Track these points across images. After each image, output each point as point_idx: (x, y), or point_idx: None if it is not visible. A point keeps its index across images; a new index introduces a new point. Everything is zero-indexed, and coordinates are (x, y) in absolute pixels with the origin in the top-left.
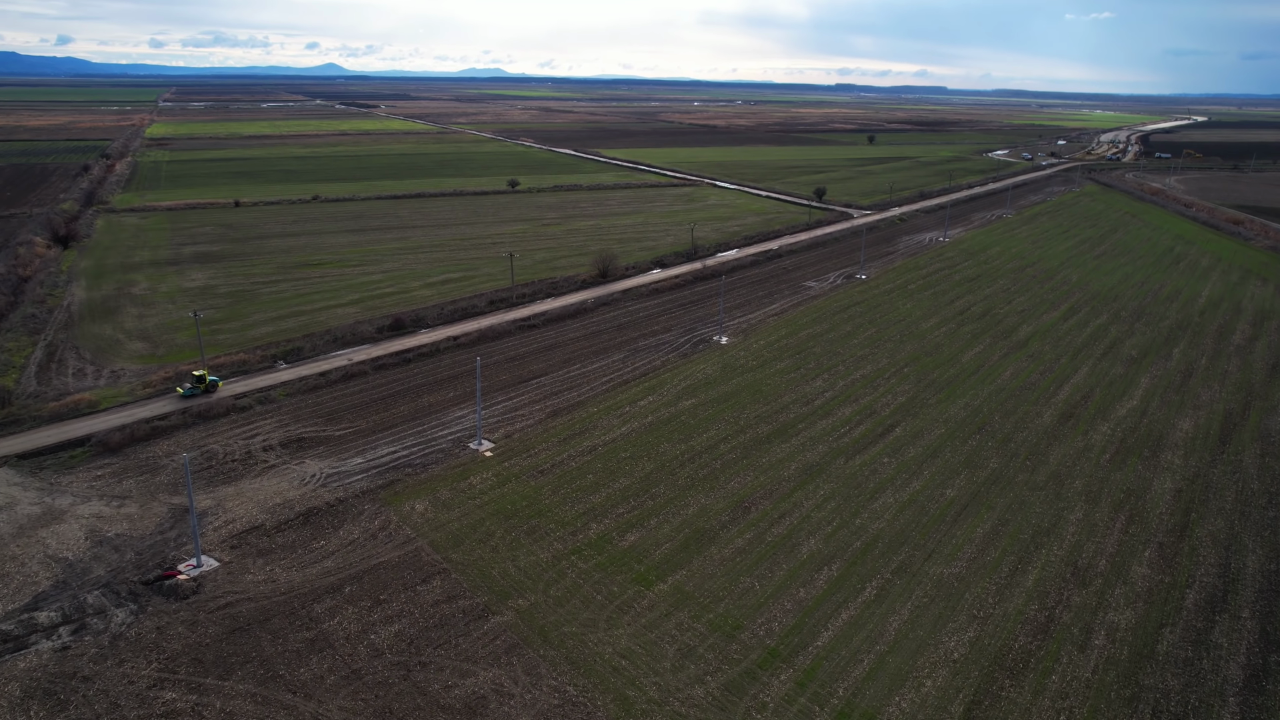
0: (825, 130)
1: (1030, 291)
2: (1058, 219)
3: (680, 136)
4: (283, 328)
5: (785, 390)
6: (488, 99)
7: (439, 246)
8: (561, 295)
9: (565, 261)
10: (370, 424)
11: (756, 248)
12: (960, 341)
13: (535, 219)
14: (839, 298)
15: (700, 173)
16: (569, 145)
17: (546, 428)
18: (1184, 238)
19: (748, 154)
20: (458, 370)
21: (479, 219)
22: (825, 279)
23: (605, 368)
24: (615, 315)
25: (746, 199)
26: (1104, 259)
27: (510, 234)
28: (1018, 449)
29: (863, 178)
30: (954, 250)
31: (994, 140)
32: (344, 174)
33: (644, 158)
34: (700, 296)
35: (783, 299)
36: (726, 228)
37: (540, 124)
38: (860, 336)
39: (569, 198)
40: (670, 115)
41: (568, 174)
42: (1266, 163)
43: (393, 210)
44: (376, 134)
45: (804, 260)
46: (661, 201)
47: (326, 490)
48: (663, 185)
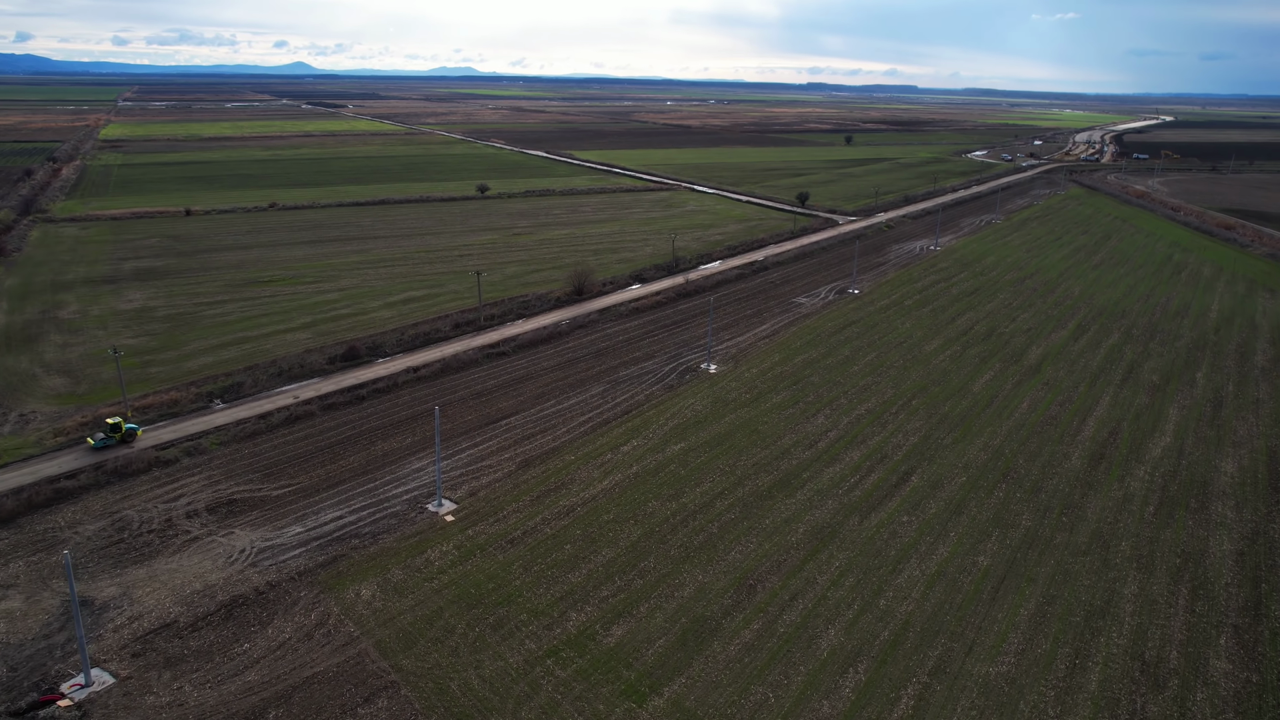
0: (801, 130)
1: (1034, 307)
2: (1048, 224)
3: (655, 137)
4: (224, 358)
5: (784, 430)
6: (458, 98)
7: (402, 260)
8: (534, 316)
9: (538, 276)
10: (314, 480)
11: (741, 259)
12: (968, 367)
13: (506, 228)
14: (833, 316)
15: (677, 176)
16: (541, 147)
17: (517, 482)
18: (1180, 244)
19: (724, 155)
20: (417, 409)
21: (446, 228)
22: (816, 294)
23: (583, 404)
24: (593, 339)
25: (727, 204)
26: (1103, 268)
27: (479, 245)
28: (1050, 501)
29: (844, 180)
30: (947, 260)
31: (971, 140)
32: (305, 178)
33: (618, 160)
34: (684, 316)
35: (773, 318)
36: (708, 236)
37: (511, 124)
38: (860, 362)
39: (541, 204)
40: (644, 115)
41: (540, 178)
42: (1243, 164)
43: (354, 219)
44: (342, 135)
45: (792, 273)
46: (638, 208)
47: (257, 571)
48: (639, 190)
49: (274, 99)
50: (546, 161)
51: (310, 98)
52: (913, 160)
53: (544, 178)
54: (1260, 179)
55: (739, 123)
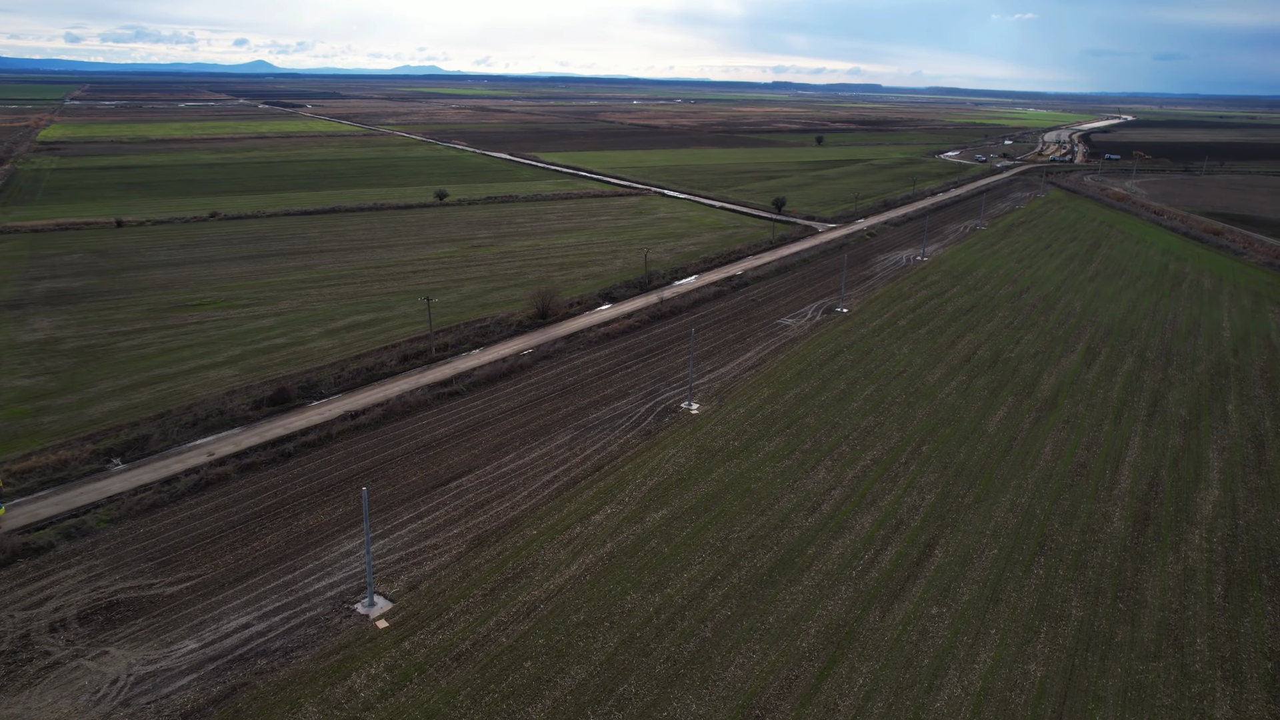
0: (770, 130)
1: (1036, 326)
2: (1034, 231)
3: (621, 138)
4: (133, 401)
5: (781, 488)
6: (421, 98)
7: (350, 277)
8: (492, 345)
9: (498, 296)
10: (220, 570)
11: (718, 273)
12: (978, 401)
13: (464, 239)
14: (822, 340)
15: (646, 179)
16: (504, 148)
17: (468, 568)
18: (1172, 252)
19: (694, 157)
20: (352, 469)
21: (400, 240)
22: (802, 313)
23: (548, 457)
24: (558, 373)
25: (700, 211)
26: (1100, 280)
27: (435, 259)
28: (1099, 580)
29: (819, 184)
30: (937, 272)
31: (941, 140)
32: (254, 184)
33: (585, 162)
34: (660, 343)
35: (757, 344)
36: (682, 247)
37: (474, 125)
38: (858, 397)
39: (503, 211)
40: (610, 115)
41: (502, 182)
42: (1215, 165)
43: (301, 230)
44: (298, 137)
45: (774, 289)
46: (606, 215)
47: (128, 715)
48: (607, 195)
49: (231, 98)
50: (510, 164)
51: (269, 97)
52: (886, 161)
53: (507, 182)
54: (1234, 180)
55: (707, 122)
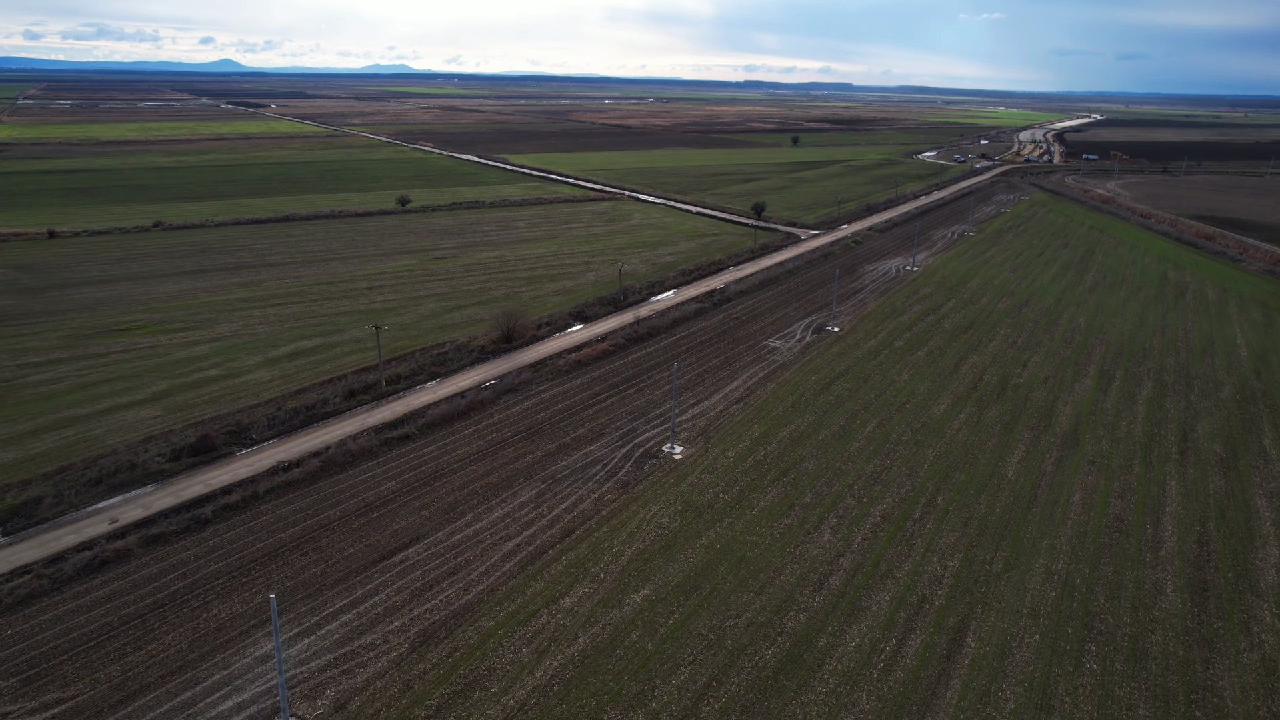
0: (744, 130)
1: (1042, 346)
2: (1024, 237)
3: (593, 138)
4: (31, 452)
5: (781, 556)
6: (389, 97)
7: (298, 295)
8: (451, 376)
9: (459, 316)
10: (101, 688)
11: (698, 286)
12: (991, 438)
13: (426, 249)
14: (815, 365)
15: (619, 182)
16: (473, 150)
17: (409, 678)
18: (1169, 259)
19: (667, 158)
20: (279, 538)
21: (357, 251)
22: (790, 333)
23: (510, 518)
24: (524, 410)
25: (676, 217)
26: (1100, 291)
27: (393, 273)
28: (1167, 678)
29: (798, 187)
30: (929, 284)
31: (917, 140)
32: (206, 190)
33: (555, 164)
34: (638, 370)
35: (744, 370)
36: (658, 257)
37: (443, 125)
38: (860, 435)
39: (469, 219)
40: (581, 114)
41: (469, 186)
42: (1192, 165)
43: (251, 240)
44: (258, 138)
45: (759, 305)
46: (578, 222)
47: None
48: (578, 200)
49: (193, 98)
50: (477, 167)
51: (234, 97)
52: (864, 163)
53: (474, 186)
54: (1213, 181)
55: (680, 122)
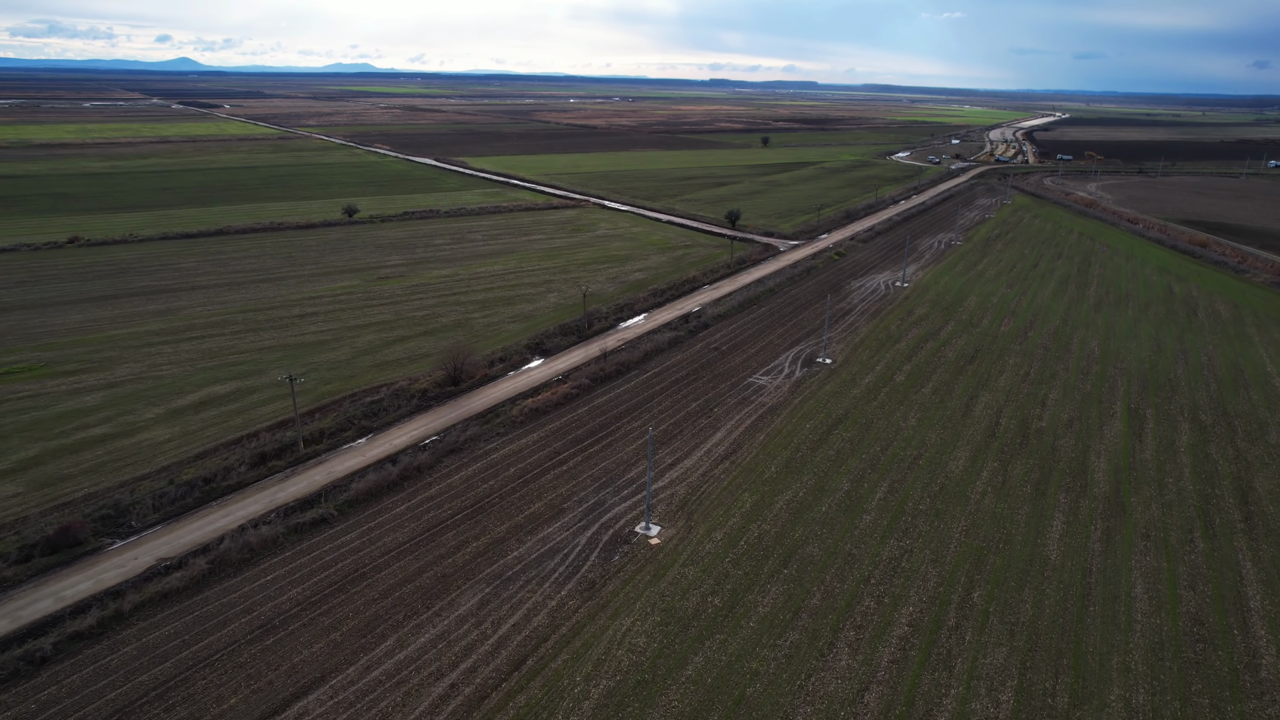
0: (713, 130)
1: (1057, 378)
2: (1015, 246)
3: (557, 140)
4: None
5: (791, 696)
6: (349, 96)
7: (220, 325)
8: (385, 430)
9: (400, 351)
10: None
11: (671, 309)
12: (1022, 503)
13: (371, 268)
14: (809, 409)
15: (584, 188)
16: (431, 152)
17: None
18: (1169, 270)
19: (635, 161)
20: (137, 687)
21: (294, 269)
22: (777, 367)
23: (443, 643)
24: (469, 476)
25: (645, 226)
26: (1107, 309)
27: (331, 297)
28: None
29: (772, 191)
30: (923, 303)
31: (888, 140)
32: (137, 199)
33: (517, 167)
34: (604, 420)
35: (728, 417)
36: (626, 274)
37: (401, 126)
38: (870, 503)
39: (421, 230)
40: (546, 114)
41: (424, 193)
42: (1167, 165)
43: (176, 258)
44: (205, 141)
45: (740, 332)
46: (539, 233)
47: None
48: (540, 208)
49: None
50: (435, 172)
51: (188, 96)
52: (838, 165)
53: (429, 193)
54: (1190, 183)
55: (647, 121)
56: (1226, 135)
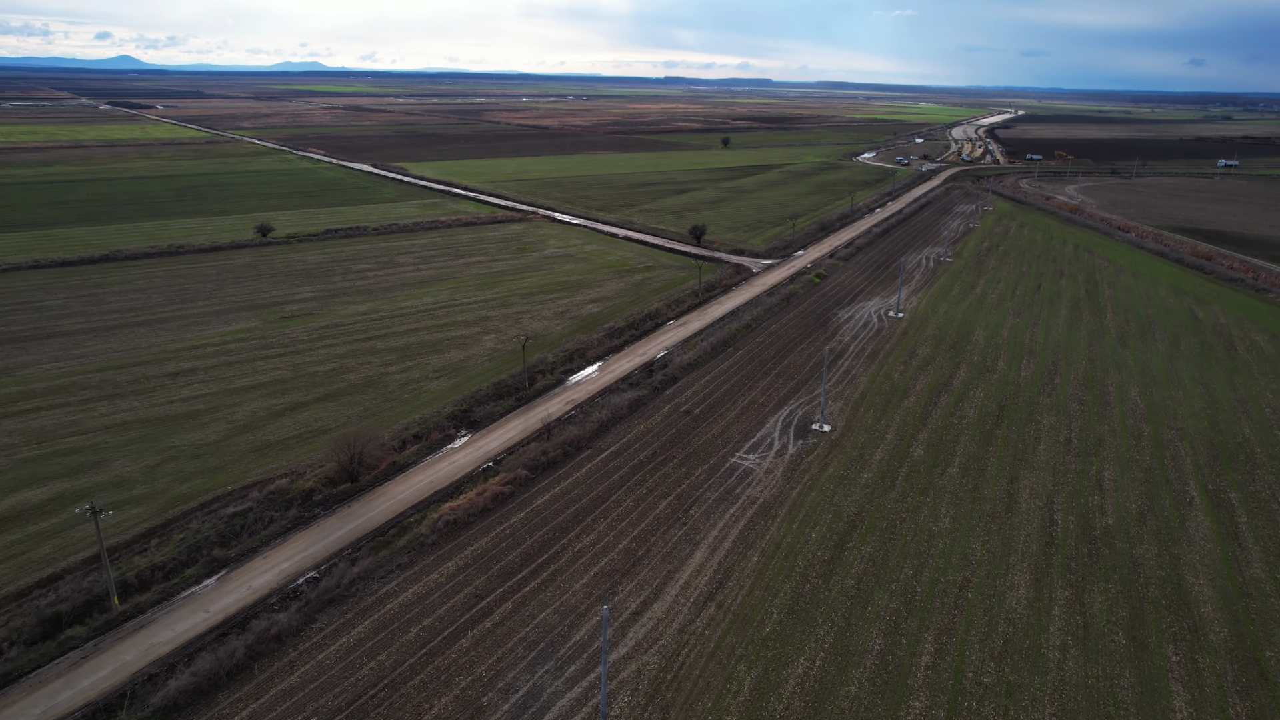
0: (670, 130)
1: (1107, 447)
2: (1010, 261)
3: (507, 142)
4: None
5: None
6: (293, 96)
7: (65, 391)
8: (244, 562)
9: (290, 424)
10: None
11: (630, 356)
12: (1122, 669)
13: (276, 303)
14: (811, 507)
15: (533, 197)
16: (370, 157)
17: None
18: (1183, 289)
19: (589, 165)
20: None
21: (182, 308)
22: (765, 439)
23: None
24: (350, 649)
25: (600, 244)
26: (1134, 344)
27: (217, 346)
28: None
29: (738, 199)
30: (924, 339)
31: (851, 139)
32: (22, 216)
33: (461, 174)
34: (545, 535)
35: (708, 526)
36: (577, 307)
37: (342, 128)
38: (915, 674)
39: (343, 252)
40: (496, 114)
41: (354, 205)
42: (1139, 166)
43: (43, 294)
44: (123, 146)
45: (714, 386)
46: (479, 254)
47: None
48: (482, 222)
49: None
50: (370, 180)
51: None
52: (804, 167)
53: (360, 205)
54: (1166, 184)
55: (601, 121)
56: (1185, 133)
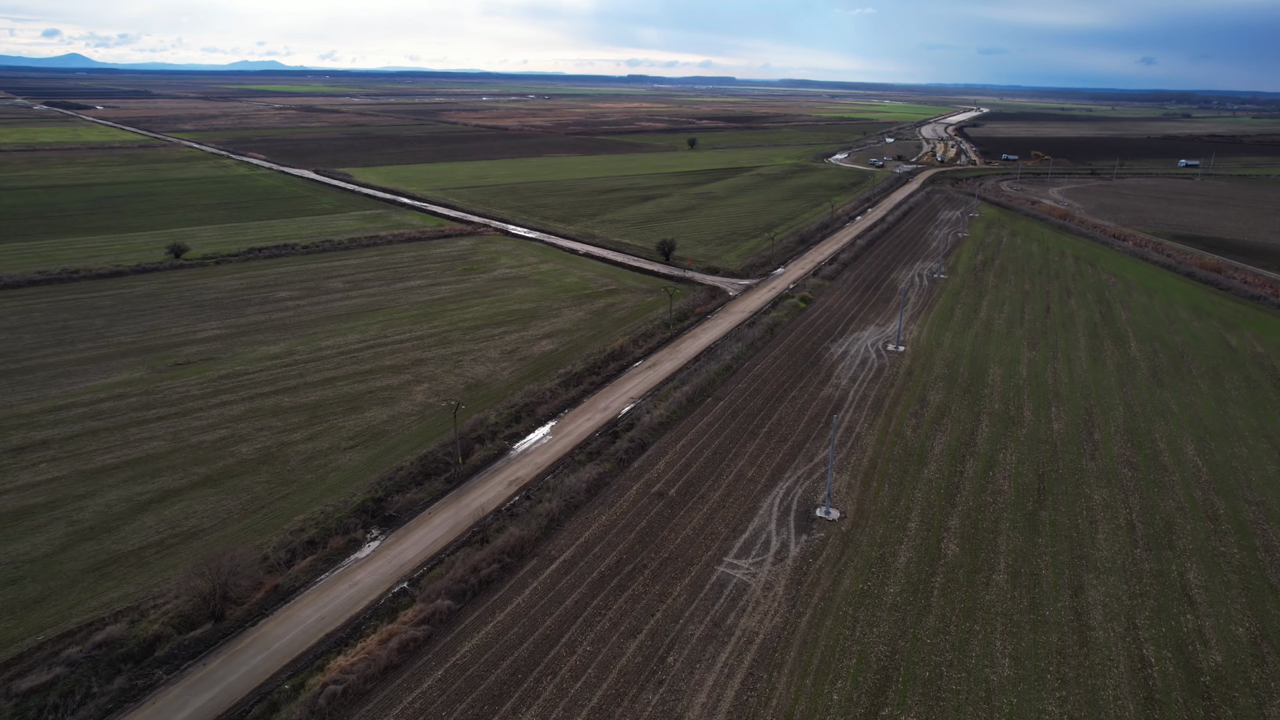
0: (634, 130)
1: (1183, 535)
2: (1009, 277)
3: (462, 144)
4: None
5: None
6: (245, 95)
7: None
8: None
9: (152, 523)
10: None
11: (590, 412)
12: None
13: (173, 344)
14: (827, 649)
15: (486, 207)
16: (314, 162)
17: None
18: (1204, 310)
19: (548, 169)
20: None
21: (57, 353)
22: (759, 536)
23: None
24: None
25: (557, 261)
26: (1170, 382)
27: (86, 407)
28: None
29: (708, 207)
30: (933, 381)
31: (820, 139)
32: None
33: (411, 180)
34: (472, 712)
35: (691, 677)
36: (529, 344)
37: (289, 130)
38: None
39: (265, 276)
40: (454, 114)
41: (287, 218)
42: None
43: None
44: (47, 150)
45: (693, 452)
46: (420, 276)
47: None
48: (427, 237)
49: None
50: (310, 188)
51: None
52: (775, 170)
53: (294, 218)
54: (1149, 186)
55: (563, 121)
56: (1151, 131)
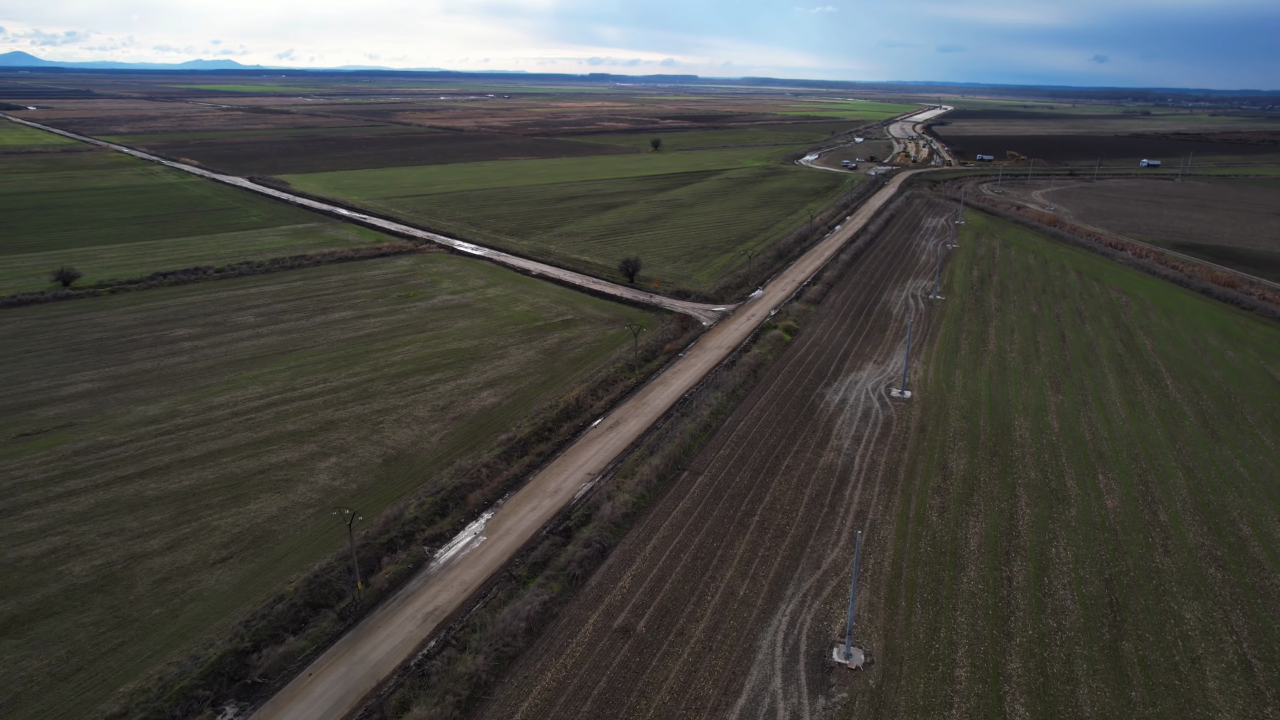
0: (596, 131)
1: None
2: (1012, 298)
3: (414, 147)
4: None
5: None
6: (192, 96)
7: None
8: None
9: None
10: None
11: (535, 500)
12: None
13: (26, 405)
14: None
15: (432, 219)
16: (251, 168)
17: None
18: (1234, 335)
19: (503, 174)
20: None
21: None
22: (758, 691)
23: None
24: None
25: (507, 286)
26: (1226, 434)
27: None
28: None
29: (674, 216)
30: (952, 439)
31: (788, 139)
32: None
33: (354, 188)
34: None
35: None
36: (466, 399)
37: (231, 132)
38: None
39: (165, 309)
40: (410, 114)
41: (208, 235)
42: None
43: None
44: None
45: (664, 563)
46: (347, 307)
47: None
48: (361, 257)
49: None
50: (241, 198)
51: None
52: (744, 173)
53: (215, 234)
54: (1131, 187)
55: (521, 121)
56: (1118, 129)
